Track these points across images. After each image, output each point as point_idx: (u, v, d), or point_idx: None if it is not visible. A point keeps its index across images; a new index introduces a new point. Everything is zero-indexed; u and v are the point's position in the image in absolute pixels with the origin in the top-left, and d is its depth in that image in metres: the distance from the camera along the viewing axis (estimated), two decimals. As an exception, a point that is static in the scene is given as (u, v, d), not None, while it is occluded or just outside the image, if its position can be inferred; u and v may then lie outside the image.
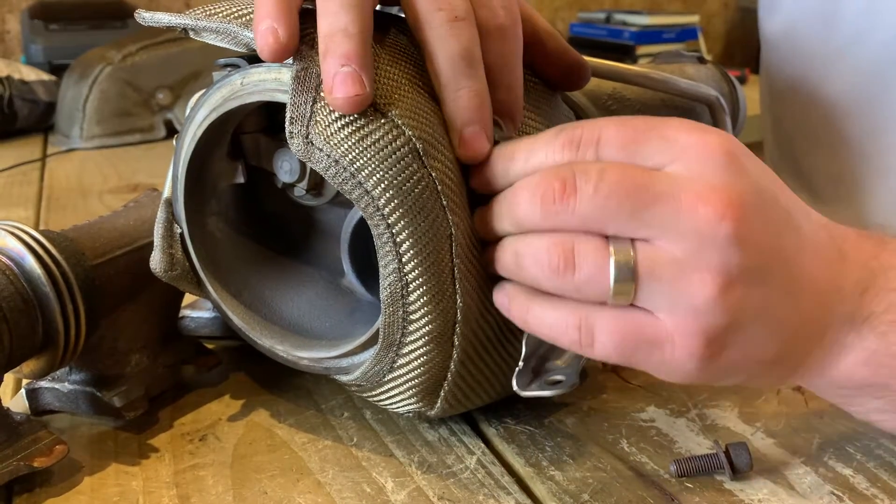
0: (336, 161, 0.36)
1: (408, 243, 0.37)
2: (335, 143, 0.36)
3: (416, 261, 0.37)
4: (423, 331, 0.39)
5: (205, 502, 0.40)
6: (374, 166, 0.36)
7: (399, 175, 0.36)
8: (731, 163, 0.34)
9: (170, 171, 0.45)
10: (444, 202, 0.37)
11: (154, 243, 0.45)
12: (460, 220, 0.38)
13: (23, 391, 0.46)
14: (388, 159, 0.36)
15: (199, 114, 0.43)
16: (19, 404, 0.46)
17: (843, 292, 0.36)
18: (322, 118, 0.37)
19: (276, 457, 0.44)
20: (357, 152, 0.36)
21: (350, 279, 0.48)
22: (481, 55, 0.38)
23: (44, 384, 0.46)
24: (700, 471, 0.41)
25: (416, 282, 0.38)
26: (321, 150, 0.37)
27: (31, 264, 0.42)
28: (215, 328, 0.53)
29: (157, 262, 0.45)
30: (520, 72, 0.40)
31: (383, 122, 0.37)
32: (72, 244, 0.44)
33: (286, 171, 0.45)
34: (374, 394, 0.43)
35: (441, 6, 0.38)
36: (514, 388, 0.39)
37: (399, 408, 0.44)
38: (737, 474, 0.41)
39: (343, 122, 0.36)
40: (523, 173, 0.37)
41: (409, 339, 0.39)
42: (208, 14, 0.40)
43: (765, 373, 0.38)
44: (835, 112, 0.69)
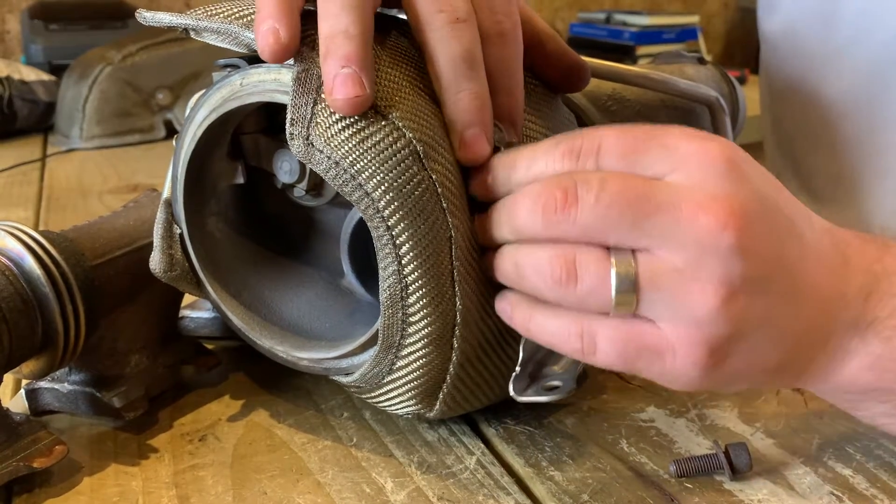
0: (336, 163, 0.36)
1: (407, 245, 0.37)
2: (336, 145, 0.36)
3: (415, 263, 0.37)
4: (423, 333, 0.39)
5: (204, 502, 0.40)
6: (374, 168, 0.36)
7: (399, 177, 0.36)
8: (733, 171, 0.34)
9: (169, 172, 0.45)
10: (445, 204, 0.37)
11: (153, 244, 0.45)
12: (460, 222, 0.38)
13: (22, 391, 0.46)
14: (389, 161, 0.36)
15: (198, 114, 0.43)
16: (19, 405, 0.46)
17: (846, 298, 0.36)
18: (323, 120, 0.37)
19: (275, 457, 0.44)
20: (357, 154, 0.36)
21: (350, 280, 0.48)
22: (482, 58, 0.38)
23: (43, 384, 0.46)
24: (700, 471, 0.41)
25: (416, 284, 0.38)
26: (321, 151, 0.37)
27: (31, 265, 0.42)
28: (215, 328, 0.53)
29: (156, 262, 0.45)
30: (520, 75, 0.40)
31: (384, 124, 0.36)
32: (71, 245, 0.44)
33: (286, 171, 0.45)
34: (373, 395, 0.43)
35: (442, 8, 0.37)
36: (511, 392, 0.39)
37: (398, 409, 0.44)
38: (736, 475, 0.41)
39: (344, 124, 0.36)
40: (524, 181, 0.37)
41: (408, 341, 0.39)
42: (209, 14, 0.40)
43: (768, 380, 0.38)
44: (834, 112, 0.69)
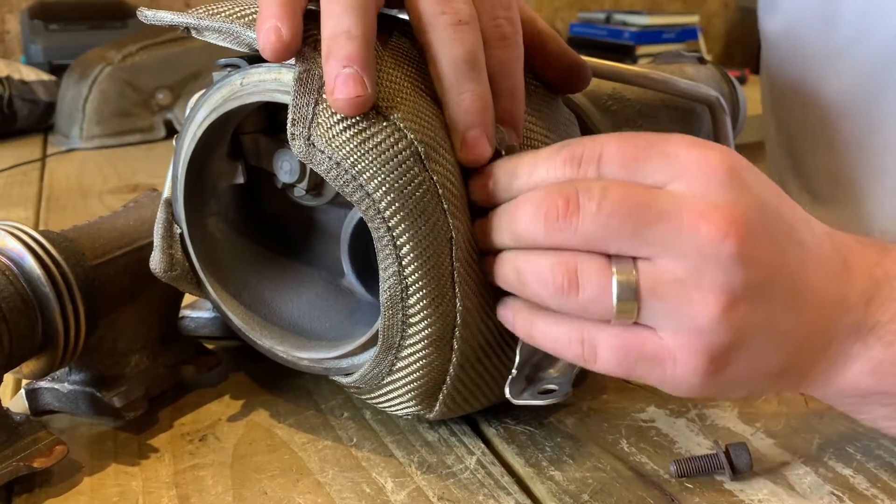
0: (337, 163, 0.36)
1: (408, 246, 0.37)
2: (337, 146, 0.36)
3: (416, 264, 0.37)
4: (423, 334, 0.39)
5: (204, 502, 0.40)
6: (375, 169, 0.36)
7: (400, 178, 0.36)
8: (733, 179, 0.34)
9: (169, 172, 0.45)
10: (445, 206, 0.37)
11: (154, 243, 0.45)
12: (461, 223, 0.38)
13: (22, 391, 0.46)
14: (390, 162, 0.36)
15: (198, 114, 0.43)
16: (19, 405, 0.46)
17: (847, 302, 0.36)
18: (324, 120, 0.37)
19: (275, 457, 0.44)
20: (358, 155, 0.36)
21: (350, 280, 0.48)
22: (484, 60, 0.38)
23: (43, 384, 0.46)
24: (700, 471, 0.41)
25: (416, 285, 0.38)
26: (323, 151, 0.37)
27: (31, 265, 0.42)
28: (215, 328, 0.53)
29: (156, 262, 0.45)
30: (521, 77, 0.40)
31: (385, 124, 0.36)
32: (71, 244, 0.44)
33: (286, 171, 0.45)
34: (372, 396, 0.43)
35: (445, 10, 0.38)
36: (507, 395, 0.39)
37: (397, 410, 0.43)
38: (737, 474, 0.41)
39: (345, 125, 0.36)
40: (526, 188, 0.37)
41: (408, 342, 0.39)
42: (211, 13, 0.40)
43: (769, 386, 0.38)
44: (833, 112, 0.69)
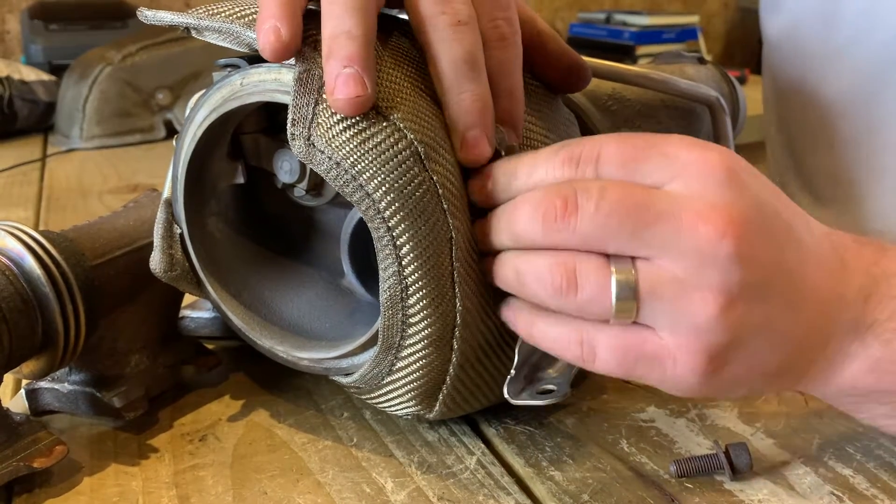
0: (337, 163, 0.36)
1: (408, 246, 0.37)
2: (337, 146, 0.36)
3: (416, 264, 0.37)
4: (423, 334, 0.39)
5: (204, 502, 0.40)
6: (375, 169, 0.36)
7: (400, 178, 0.36)
8: (732, 180, 0.34)
9: (169, 172, 0.45)
10: (445, 206, 0.37)
11: (154, 244, 0.45)
12: (461, 223, 0.38)
13: (22, 392, 0.46)
14: (390, 162, 0.36)
15: (198, 114, 0.43)
16: (19, 405, 0.46)
17: (845, 301, 0.36)
18: (324, 120, 0.37)
19: (275, 457, 0.44)
20: (358, 155, 0.36)
21: (350, 280, 0.48)
22: (484, 60, 0.38)
23: (43, 384, 0.46)
24: (700, 471, 0.41)
25: (416, 285, 0.38)
26: (323, 151, 0.37)
27: (31, 265, 0.42)
28: (215, 328, 0.53)
29: (156, 262, 0.45)
30: (520, 78, 0.41)
31: (385, 124, 0.36)
32: (71, 245, 0.44)
33: (286, 171, 0.45)
34: (372, 396, 0.43)
35: (444, 10, 0.38)
36: (506, 395, 0.39)
37: (397, 410, 0.43)
38: (737, 475, 0.41)
39: (345, 125, 0.36)
40: (525, 189, 0.37)
41: (408, 342, 0.39)
42: (211, 13, 0.40)
43: (768, 385, 0.38)
44: (833, 111, 0.69)
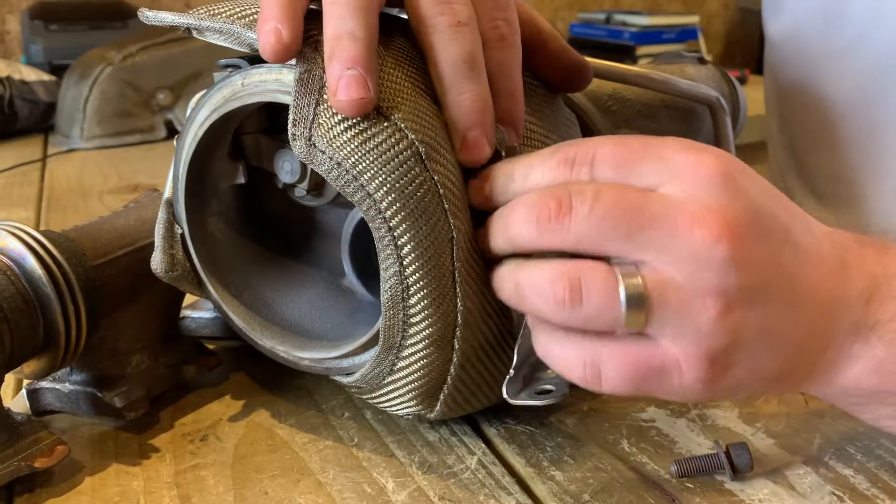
0: (338, 163, 0.36)
1: (409, 246, 0.37)
2: (338, 146, 0.36)
3: (417, 264, 0.37)
4: (424, 334, 0.39)
5: (206, 502, 0.40)
6: (376, 169, 0.36)
7: (401, 178, 0.36)
8: (727, 183, 0.34)
9: (170, 172, 0.45)
10: (446, 206, 0.37)
11: (155, 244, 0.45)
12: (462, 223, 0.38)
13: (24, 391, 0.46)
14: (391, 162, 0.36)
15: (199, 114, 0.43)
16: (20, 405, 0.46)
17: (846, 301, 0.36)
18: (325, 120, 0.37)
19: (276, 457, 0.44)
20: (359, 155, 0.36)
21: (351, 280, 0.48)
22: (483, 61, 0.38)
23: (45, 384, 0.46)
24: (701, 471, 0.41)
25: (417, 285, 0.38)
26: (324, 152, 0.37)
27: (32, 265, 0.42)
28: (216, 329, 0.53)
29: (157, 262, 0.45)
30: (520, 79, 0.41)
31: (386, 125, 0.36)
32: (72, 245, 0.44)
33: (287, 171, 0.45)
34: (373, 396, 0.43)
35: (444, 11, 0.38)
36: (505, 395, 0.39)
37: (398, 410, 0.43)
38: (737, 474, 0.41)
39: (346, 125, 0.36)
40: (521, 191, 0.37)
41: (409, 342, 0.39)
42: (211, 14, 0.40)
43: (770, 387, 0.37)
44: (836, 112, 0.69)
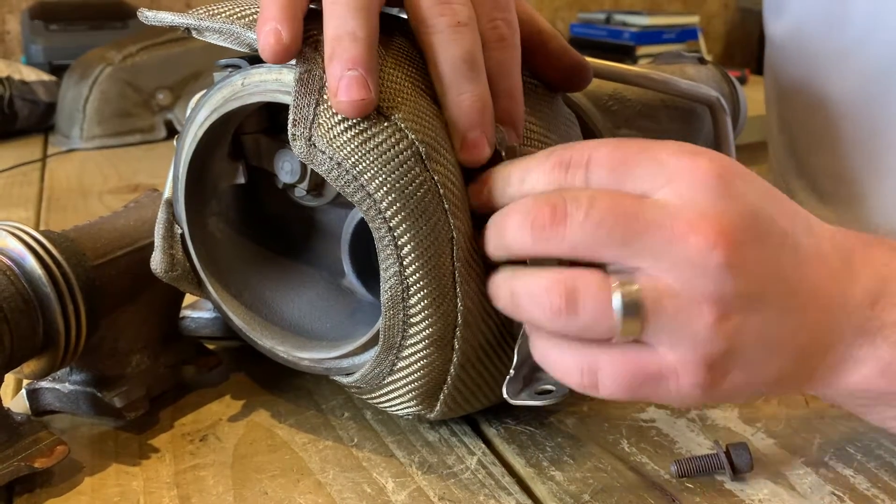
0: (338, 163, 0.36)
1: (409, 246, 0.37)
2: (338, 146, 0.36)
3: (417, 264, 0.37)
4: (424, 334, 0.39)
5: (205, 502, 0.40)
6: (376, 169, 0.36)
7: (401, 178, 0.36)
8: (723, 187, 0.33)
9: (170, 172, 0.45)
10: (446, 206, 0.37)
11: (155, 244, 0.45)
12: (462, 223, 0.38)
13: (23, 392, 0.46)
14: (391, 162, 0.36)
15: (199, 114, 0.43)
16: (20, 405, 0.46)
17: (850, 304, 0.36)
18: (325, 121, 0.37)
19: (276, 457, 0.44)
20: (360, 155, 0.36)
21: (350, 280, 0.48)
22: (483, 61, 0.38)
23: (44, 384, 0.46)
24: (701, 471, 0.41)
25: (417, 285, 0.38)
26: (324, 152, 0.37)
27: (32, 265, 0.42)
28: (216, 329, 0.53)
29: (157, 262, 0.45)
30: (519, 79, 0.40)
31: (386, 125, 0.36)
32: (72, 245, 0.44)
33: (287, 171, 0.45)
34: (373, 396, 0.43)
35: (443, 12, 0.38)
36: (505, 395, 0.39)
37: (398, 410, 0.43)
38: (737, 475, 0.41)
39: (346, 125, 0.36)
40: (518, 195, 0.37)
41: (409, 342, 0.39)
42: (211, 14, 0.40)
43: (772, 391, 0.37)
44: (839, 112, 0.69)
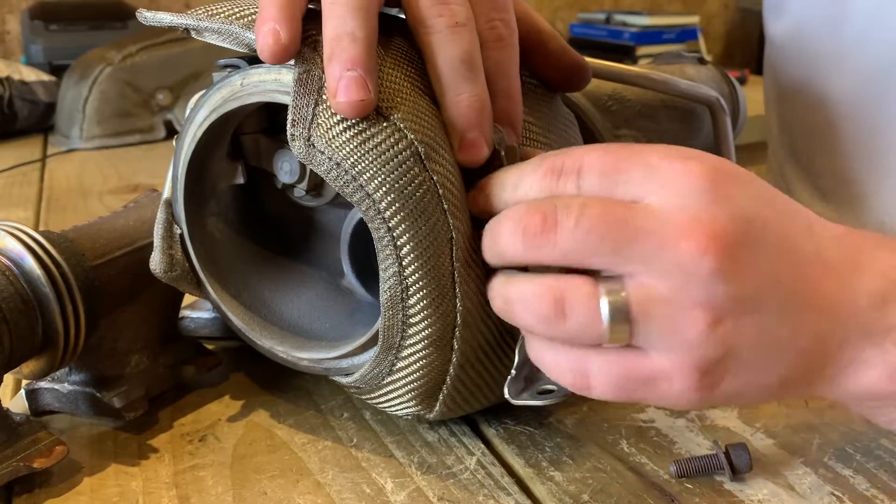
0: (338, 164, 0.36)
1: (408, 247, 0.37)
2: (337, 146, 0.36)
3: (416, 264, 0.37)
4: (423, 334, 0.39)
5: (204, 503, 0.40)
6: (375, 169, 0.36)
7: (401, 178, 0.36)
8: (714, 192, 0.33)
9: (169, 172, 0.45)
10: (446, 206, 0.37)
11: (154, 244, 0.45)
12: (461, 223, 0.38)
13: (22, 392, 0.46)
14: (390, 162, 0.36)
15: (198, 114, 0.43)
16: (19, 405, 0.46)
17: (855, 306, 0.35)
18: (324, 121, 0.37)
19: (275, 457, 0.44)
20: (359, 155, 0.36)
21: (350, 280, 0.48)
22: (481, 61, 0.38)
23: (43, 385, 0.46)
24: (700, 471, 0.41)
25: (417, 285, 0.38)
26: (323, 152, 0.37)
27: (31, 265, 0.42)
28: (215, 329, 0.53)
29: (156, 262, 0.45)
30: (518, 79, 0.41)
31: (385, 125, 0.36)
32: (72, 245, 0.44)
33: (286, 171, 0.45)
34: (372, 396, 0.43)
35: (442, 12, 0.38)
36: (506, 395, 0.39)
37: (398, 410, 0.43)
38: (737, 475, 0.41)
39: (345, 125, 0.36)
40: (512, 201, 0.37)
41: (408, 342, 0.39)
42: (210, 14, 0.40)
43: (776, 395, 0.36)
44: (839, 112, 0.69)
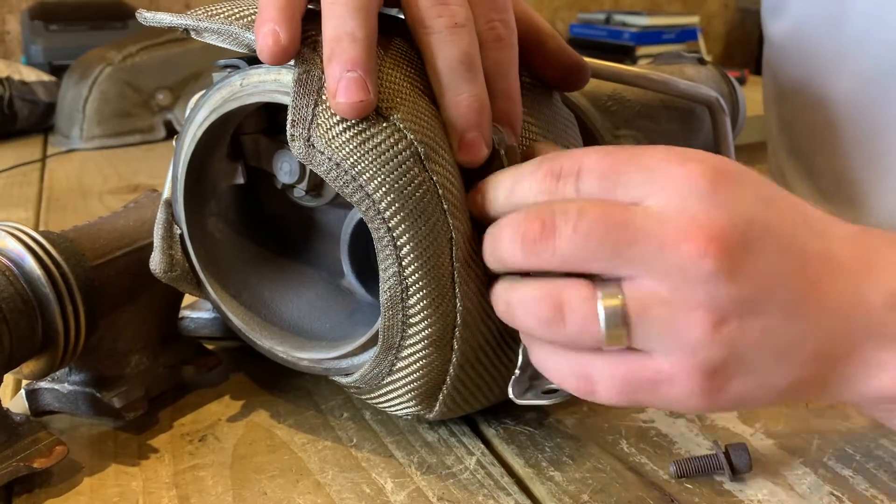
0: (337, 164, 0.36)
1: (408, 247, 0.37)
2: (337, 146, 0.36)
3: (416, 264, 0.37)
4: (423, 335, 0.39)
5: (204, 503, 0.40)
6: (375, 169, 0.36)
7: (400, 178, 0.36)
8: (715, 193, 0.33)
9: (169, 172, 0.45)
10: (445, 206, 0.37)
11: (154, 244, 0.45)
12: (461, 223, 0.38)
13: (22, 392, 0.46)
14: (390, 163, 0.36)
15: (198, 115, 0.43)
16: (19, 405, 0.46)
17: (868, 307, 0.34)
18: (324, 121, 0.37)
19: (275, 457, 0.44)
20: (358, 155, 0.36)
21: (350, 280, 0.48)
22: (480, 62, 0.38)
23: (43, 385, 0.46)
24: (699, 471, 0.41)
25: (416, 285, 0.38)
26: (322, 152, 0.37)
27: (31, 265, 0.42)
28: (215, 329, 0.53)
29: (156, 262, 0.45)
30: (517, 79, 0.41)
31: (385, 125, 0.37)
32: (72, 245, 0.44)
33: (286, 172, 0.45)
34: (372, 396, 0.43)
35: (441, 13, 0.38)
36: (510, 395, 0.39)
37: (397, 410, 0.43)
38: (736, 475, 0.41)
39: (345, 126, 0.36)
40: (510, 205, 0.37)
41: (408, 342, 0.39)
42: (210, 15, 0.40)
43: (786, 398, 0.36)
44: (839, 112, 0.69)
